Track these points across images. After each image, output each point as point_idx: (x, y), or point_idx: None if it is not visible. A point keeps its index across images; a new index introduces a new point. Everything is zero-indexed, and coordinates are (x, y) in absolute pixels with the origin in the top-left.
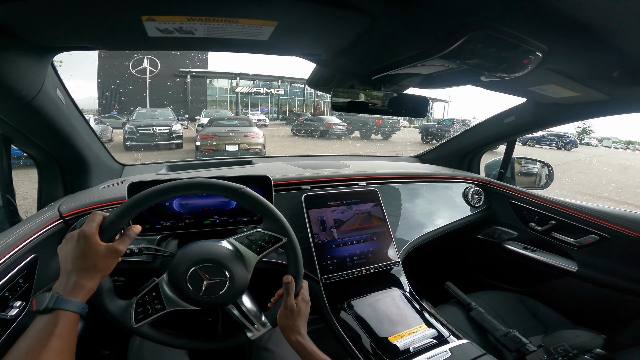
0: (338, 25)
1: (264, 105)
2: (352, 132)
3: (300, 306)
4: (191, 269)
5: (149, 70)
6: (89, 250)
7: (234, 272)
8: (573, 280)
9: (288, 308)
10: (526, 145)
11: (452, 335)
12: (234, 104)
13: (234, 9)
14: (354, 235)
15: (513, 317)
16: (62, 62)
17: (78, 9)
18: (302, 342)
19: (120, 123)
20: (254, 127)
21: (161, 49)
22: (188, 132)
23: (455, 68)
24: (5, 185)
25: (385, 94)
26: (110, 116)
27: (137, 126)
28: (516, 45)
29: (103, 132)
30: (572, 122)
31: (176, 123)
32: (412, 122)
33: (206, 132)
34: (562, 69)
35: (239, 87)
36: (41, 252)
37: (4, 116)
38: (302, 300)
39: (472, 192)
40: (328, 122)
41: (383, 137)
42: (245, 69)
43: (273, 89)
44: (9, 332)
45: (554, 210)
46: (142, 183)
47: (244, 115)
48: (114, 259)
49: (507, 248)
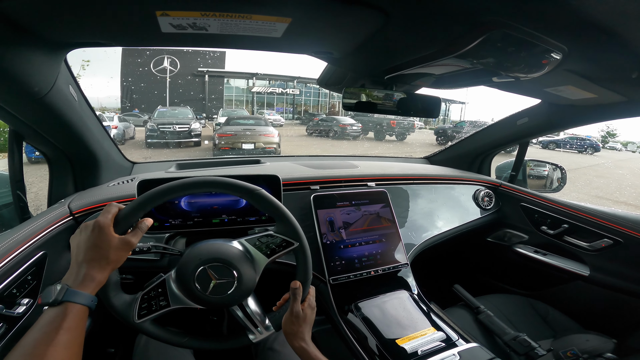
0: (352, 22)
1: (279, 105)
2: (366, 133)
3: (306, 312)
4: (200, 268)
5: (169, 69)
6: (102, 241)
7: (242, 273)
8: (584, 285)
9: (294, 314)
10: (546, 148)
11: (461, 338)
12: (250, 104)
13: (249, 4)
14: (362, 237)
15: (522, 321)
16: (90, 62)
17: (92, 4)
18: (305, 349)
19: (142, 121)
20: (269, 126)
21: (174, 46)
22: (205, 130)
23: (470, 68)
24: (17, 181)
25: (397, 94)
26: (132, 114)
27: (158, 124)
28: (535, 45)
29: (126, 130)
30: (587, 124)
31: (195, 121)
32: (427, 124)
33: (224, 131)
34: (581, 70)
35: (255, 86)
36: (50, 248)
37: (17, 112)
38: (308, 306)
39: (482, 195)
40: (342, 122)
41: (397, 138)
42: (262, 69)
43: (288, 89)
44: (15, 329)
45: (566, 214)
46: (151, 181)
47: (260, 115)
48: (125, 251)
49: (518, 251)
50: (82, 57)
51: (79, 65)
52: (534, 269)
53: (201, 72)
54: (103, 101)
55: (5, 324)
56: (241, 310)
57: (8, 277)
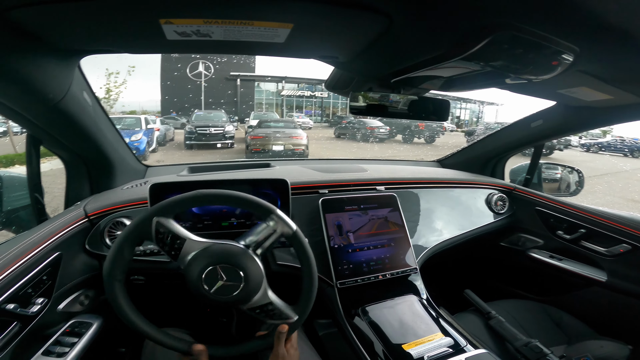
0: (355, 27)
1: (308, 108)
2: (394, 136)
3: (290, 352)
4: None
5: (204, 74)
6: None
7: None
8: (601, 290)
9: (280, 356)
10: (589, 151)
11: (470, 344)
12: (279, 107)
13: (250, 12)
14: (370, 241)
15: (535, 327)
16: (135, 67)
17: (100, 14)
18: None
19: (179, 123)
20: (298, 129)
21: (180, 52)
22: (238, 133)
23: (478, 70)
24: (34, 184)
25: (405, 97)
26: (170, 117)
27: (196, 127)
28: (544, 46)
29: (167, 132)
30: (604, 126)
31: (228, 124)
32: (460, 126)
33: (255, 133)
34: (595, 71)
35: (284, 90)
36: (66, 249)
37: (33, 118)
38: (291, 347)
39: (496, 199)
40: (370, 125)
41: (427, 141)
42: (290, 73)
43: (317, 92)
44: (28, 329)
45: (584, 219)
46: (163, 184)
47: (289, 118)
48: None
49: (532, 256)
50: (128, 63)
51: (125, 71)
52: (548, 274)
53: (233, 76)
54: (144, 104)
55: (19, 322)
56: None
57: (24, 277)
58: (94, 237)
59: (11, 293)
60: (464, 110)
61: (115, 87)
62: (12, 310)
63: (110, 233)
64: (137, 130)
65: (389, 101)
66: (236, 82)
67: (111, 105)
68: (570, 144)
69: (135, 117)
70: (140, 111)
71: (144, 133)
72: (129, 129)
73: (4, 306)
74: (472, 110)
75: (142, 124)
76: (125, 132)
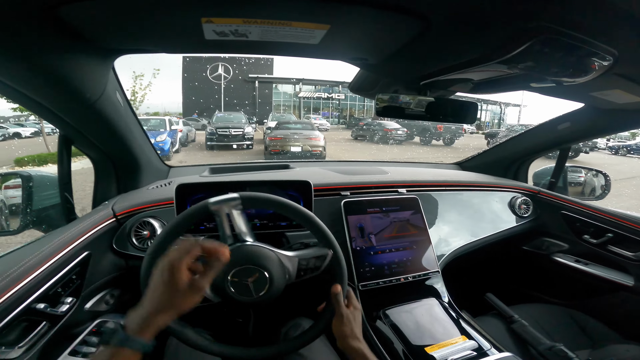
0: (391, 30)
1: (325, 110)
2: (412, 138)
3: (354, 313)
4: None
5: (224, 76)
6: (169, 284)
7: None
8: (628, 295)
9: (345, 316)
10: (617, 154)
11: (493, 347)
12: (297, 108)
13: (289, 12)
14: (392, 243)
15: (559, 331)
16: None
17: (142, 12)
18: (361, 348)
19: (200, 125)
20: (315, 130)
21: (216, 52)
22: (256, 134)
23: (512, 73)
24: (65, 184)
25: (432, 99)
26: (191, 118)
27: (217, 128)
28: (584, 50)
29: (188, 133)
30: (633, 129)
31: (248, 126)
32: (480, 128)
33: (274, 135)
34: (632, 74)
35: (301, 92)
36: (94, 249)
37: (68, 117)
38: (354, 308)
39: (519, 202)
40: (387, 127)
41: (445, 143)
42: (308, 75)
43: (334, 94)
44: (57, 327)
45: (611, 223)
46: (188, 185)
47: (307, 120)
48: (193, 297)
49: (557, 260)
50: (152, 65)
51: (149, 74)
52: (573, 279)
53: (252, 79)
54: (167, 106)
55: (48, 322)
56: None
57: (54, 276)
58: (121, 236)
59: (42, 292)
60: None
61: (141, 89)
62: (42, 309)
63: (137, 232)
64: (162, 132)
65: (415, 104)
66: (255, 84)
67: (137, 107)
68: (596, 146)
69: (160, 118)
70: (163, 112)
71: (168, 134)
72: (155, 130)
73: (35, 305)
74: (493, 112)
75: (166, 125)
76: (151, 133)
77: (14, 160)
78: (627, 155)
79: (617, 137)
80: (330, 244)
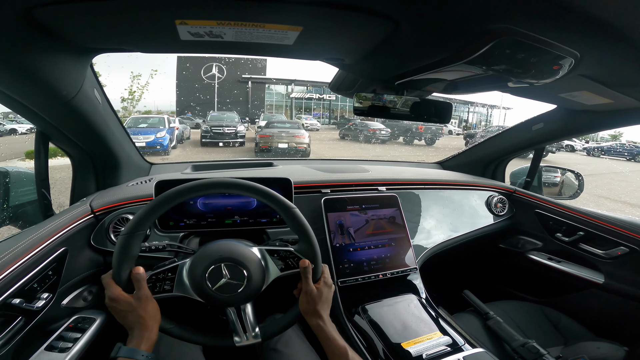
0: (362, 30)
1: (317, 110)
2: (396, 138)
3: (322, 290)
4: (216, 263)
5: (217, 76)
6: (122, 311)
7: (253, 279)
8: (598, 292)
9: (308, 292)
10: (590, 155)
11: (467, 343)
12: (289, 109)
13: (262, 14)
14: (371, 240)
15: (532, 328)
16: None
17: (117, 12)
18: (322, 327)
19: (194, 123)
20: (301, 129)
21: (192, 52)
22: (248, 133)
23: (481, 74)
24: (42, 180)
25: (408, 99)
26: (185, 117)
27: (211, 126)
28: (546, 51)
29: (184, 131)
30: (604, 130)
31: (240, 124)
32: (468, 129)
33: (264, 132)
34: (595, 75)
35: (293, 92)
36: (71, 245)
37: (45, 114)
38: (324, 285)
39: (496, 201)
40: (372, 127)
41: (427, 143)
42: (300, 76)
43: (325, 95)
44: (32, 324)
45: (583, 221)
46: (167, 181)
47: (295, 120)
48: (146, 304)
49: (531, 258)
50: (151, 66)
51: (147, 75)
52: (546, 276)
53: (245, 79)
54: (159, 104)
55: (24, 317)
56: (236, 312)
57: (30, 272)
58: (99, 232)
59: (17, 288)
60: (472, 114)
61: (139, 88)
62: (17, 305)
63: (115, 229)
64: (161, 129)
65: (392, 103)
66: (247, 84)
67: (134, 105)
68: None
69: (160, 116)
70: (155, 111)
71: (167, 131)
72: (155, 127)
73: (10, 301)
74: (480, 114)
75: (165, 123)
76: (151, 130)
77: (25, 152)
78: (600, 156)
79: (596, 139)
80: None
